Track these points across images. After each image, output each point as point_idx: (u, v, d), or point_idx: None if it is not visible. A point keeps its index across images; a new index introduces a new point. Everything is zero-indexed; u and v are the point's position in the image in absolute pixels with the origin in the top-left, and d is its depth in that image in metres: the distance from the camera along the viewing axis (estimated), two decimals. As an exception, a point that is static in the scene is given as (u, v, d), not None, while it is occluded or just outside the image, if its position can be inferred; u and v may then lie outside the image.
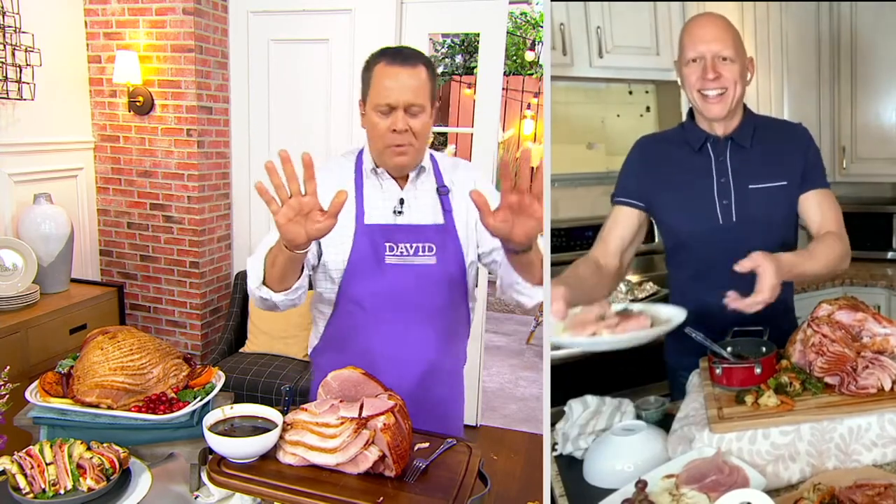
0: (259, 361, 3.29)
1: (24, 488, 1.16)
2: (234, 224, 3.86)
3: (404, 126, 1.43)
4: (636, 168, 1.56)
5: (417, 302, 1.53)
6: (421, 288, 1.53)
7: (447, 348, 1.62)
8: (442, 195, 1.58)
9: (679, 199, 1.51)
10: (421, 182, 1.57)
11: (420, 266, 1.52)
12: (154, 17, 3.38)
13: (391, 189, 1.55)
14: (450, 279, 1.56)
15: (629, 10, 2.32)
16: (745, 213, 1.47)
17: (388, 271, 1.51)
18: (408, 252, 1.52)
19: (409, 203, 1.55)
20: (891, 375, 1.15)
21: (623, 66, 2.38)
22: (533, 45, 8.35)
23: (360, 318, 1.54)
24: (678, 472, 1.11)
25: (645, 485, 1.06)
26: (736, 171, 1.48)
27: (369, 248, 1.51)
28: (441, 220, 1.56)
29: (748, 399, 1.18)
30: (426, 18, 3.41)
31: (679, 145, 1.53)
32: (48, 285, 3.02)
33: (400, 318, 1.53)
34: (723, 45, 1.41)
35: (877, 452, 1.14)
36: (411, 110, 1.44)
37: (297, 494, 1.13)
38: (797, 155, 1.49)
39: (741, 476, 1.06)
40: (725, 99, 1.42)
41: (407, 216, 1.54)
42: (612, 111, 2.69)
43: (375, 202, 1.54)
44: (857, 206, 2.58)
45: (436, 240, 1.53)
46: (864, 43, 2.41)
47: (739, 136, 1.48)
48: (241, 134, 3.74)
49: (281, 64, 3.59)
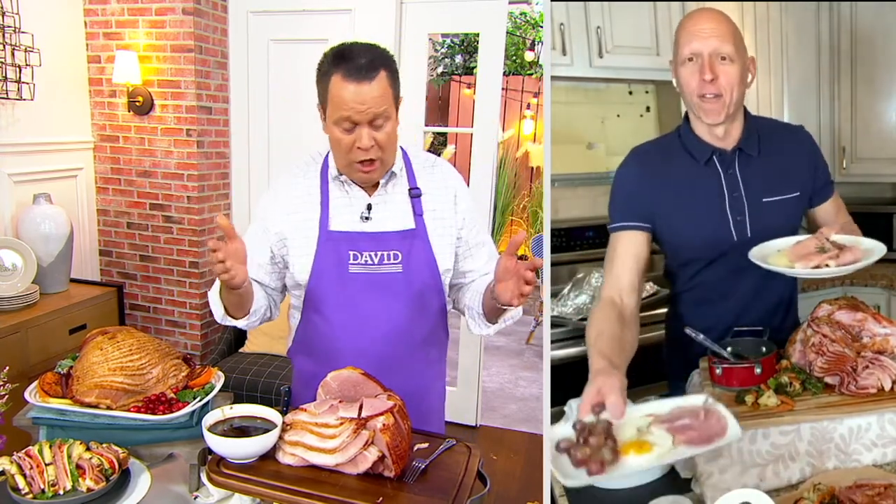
0: (259, 362, 3.29)
1: (23, 489, 1.16)
2: (233, 224, 3.85)
3: (370, 142, 1.36)
4: (635, 186, 1.43)
5: (381, 313, 1.46)
6: (385, 298, 1.46)
7: (416, 360, 1.53)
8: (413, 197, 1.50)
9: (688, 217, 1.40)
10: (392, 185, 1.50)
11: (385, 275, 1.46)
12: (154, 17, 3.38)
13: (358, 195, 1.49)
14: (419, 288, 1.48)
15: (629, 10, 2.32)
16: (761, 228, 1.38)
17: (351, 281, 1.45)
18: (372, 261, 1.45)
19: (377, 208, 1.48)
20: (891, 375, 1.15)
21: (623, 66, 2.37)
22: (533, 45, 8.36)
23: (324, 328, 1.49)
24: (661, 413, 1.11)
25: (602, 409, 1.04)
26: (748, 183, 1.39)
27: (333, 256, 1.46)
28: (411, 223, 1.49)
29: (748, 399, 1.18)
30: (426, 18, 3.41)
31: (680, 156, 1.42)
32: (48, 285, 3.02)
33: (364, 329, 1.47)
34: (722, 41, 1.30)
35: (877, 452, 1.14)
36: (375, 123, 1.36)
37: (296, 495, 1.13)
38: (805, 163, 1.44)
39: (719, 425, 1.05)
40: (723, 102, 1.32)
41: (374, 222, 1.47)
42: (612, 111, 2.68)
43: (341, 208, 1.48)
44: (857, 206, 2.56)
45: (402, 247, 1.46)
46: (864, 43, 2.41)
47: (747, 146, 1.39)
48: (241, 134, 3.73)
49: (281, 64, 3.59)
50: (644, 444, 1.04)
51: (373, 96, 1.33)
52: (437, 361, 1.63)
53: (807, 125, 1.54)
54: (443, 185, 1.54)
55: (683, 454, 1.04)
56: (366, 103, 1.33)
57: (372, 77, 1.33)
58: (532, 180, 7.39)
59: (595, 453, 1.01)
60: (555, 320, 2.33)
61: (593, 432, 1.03)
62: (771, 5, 2.37)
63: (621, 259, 1.40)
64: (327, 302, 1.48)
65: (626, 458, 1.02)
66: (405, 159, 1.54)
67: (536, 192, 7.16)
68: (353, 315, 1.47)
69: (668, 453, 1.03)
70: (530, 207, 7.10)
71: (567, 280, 2.54)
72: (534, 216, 7.02)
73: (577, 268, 2.59)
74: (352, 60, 1.33)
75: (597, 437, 1.02)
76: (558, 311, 2.38)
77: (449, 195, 1.54)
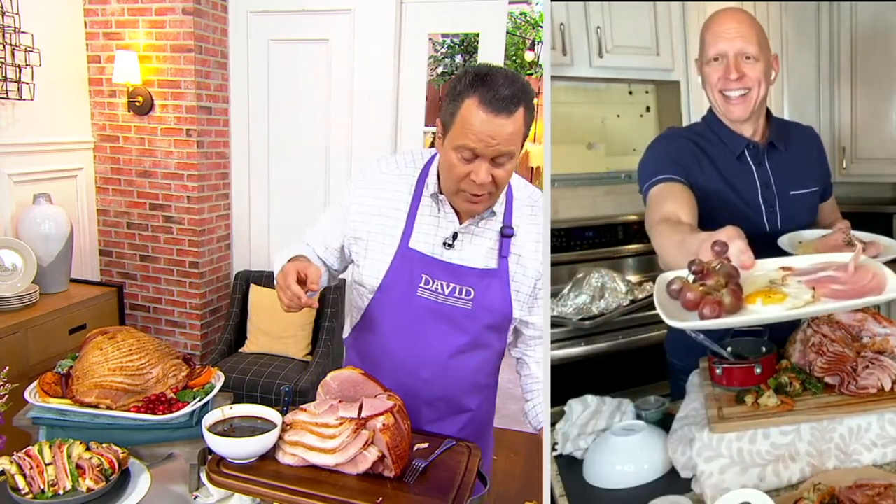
0: (259, 361, 3.29)
1: (23, 489, 1.16)
2: (233, 224, 3.86)
3: (487, 178, 1.27)
4: (679, 152, 1.39)
5: (437, 341, 1.43)
6: (445, 328, 1.42)
7: (466, 387, 1.50)
8: (504, 237, 1.42)
9: (724, 206, 1.39)
10: (485, 222, 1.42)
11: (451, 308, 1.41)
12: (154, 17, 3.38)
13: (450, 218, 1.41)
14: (484, 326, 1.43)
15: (629, 10, 2.32)
16: (789, 220, 1.41)
17: (416, 303, 1.41)
18: (442, 290, 1.40)
19: (462, 238, 1.41)
20: (891, 375, 1.15)
21: (623, 66, 2.37)
22: (533, 45, 8.36)
23: (379, 338, 1.47)
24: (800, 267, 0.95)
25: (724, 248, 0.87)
26: (777, 176, 1.42)
27: (405, 273, 1.41)
28: (494, 264, 1.41)
29: (748, 399, 1.18)
30: (426, 18, 3.41)
31: (714, 144, 1.42)
32: (48, 285, 3.02)
33: (417, 351, 1.44)
34: (746, 41, 1.33)
35: (877, 452, 1.14)
36: (498, 160, 1.26)
37: (296, 495, 1.13)
38: (817, 160, 1.50)
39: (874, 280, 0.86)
40: (748, 100, 1.36)
41: (456, 252, 1.41)
42: (612, 111, 2.68)
43: (427, 227, 1.42)
44: (858, 206, 2.58)
45: (478, 285, 1.40)
46: (864, 43, 2.41)
47: (777, 140, 1.43)
48: (241, 134, 3.74)
49: (280, 64, 3.59)
50: (776, 293, 0.88)
51: (506, 132, 1.23)
52: (488, 390, 1.58)
53: (807, 125, 1.56)
54: (536, 230, 1.45)
55: (825, 308, 0.87)
56: (497, 138, 1.23)
57: (511, 112, 1.23)
58: (532, 180, 7.38)
59: (713, 293, 0.85)
60: (555, 320, 2.33)
61: (713, 273, 0.86)
62: (771, 5, 2.37)
63: (674, 197, 1.29)
64: (388, 316, 1.45)
65: (751, 305, 0.87)
66: (508, 195, 1.45)
67: (536, 192, 7.16)
68: (409, 335, 1.44)
69: (805, 305, 0.86)
70: (530, 207, 7.09)
71: (567, 280, 2.54)
72: (534, 216, 7.02)
73: (577, 268, 2.59)
74: (494, 88, 1.22)
75: (716, 278, 0.86)
76: (558, 311, 2.38)
77: (538, 241, 1.46)
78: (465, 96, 1.24)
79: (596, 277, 2.43)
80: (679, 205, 1.25)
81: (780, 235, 1.39)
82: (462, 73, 1.28)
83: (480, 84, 1.23)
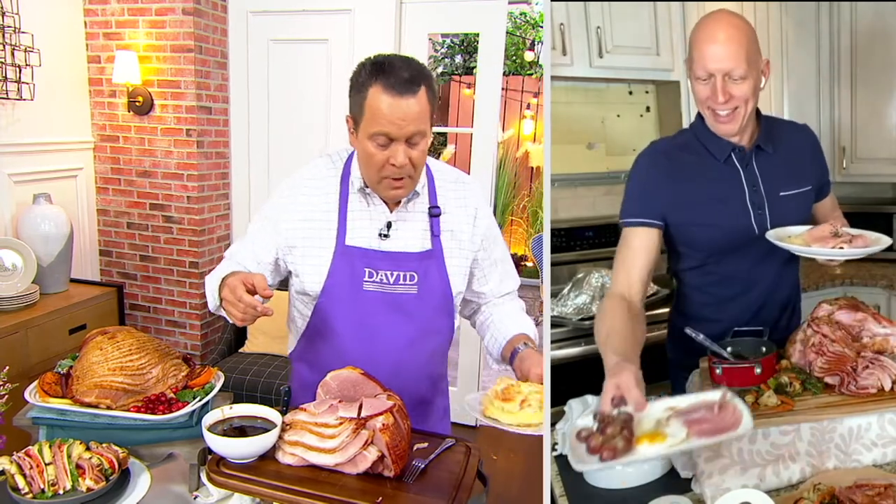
0: (258, 362, 3.29)
1: (23, 488, 1.16)
2: (233, 224, 3.86)
3: (405, 159, 1.32)
4: (651, 183, 1.43)
5: (392, 332, 1.45)
6: (397, 318, 1.44)
7: (421, 377, 1.54)
8: (432, 216, 1.47)
9: (711, 214, 1.41)
10: (413, 204, 1.46)
11: (399, 295, 1.44)
12: (153, 17, 3.38)
13: (380, 210, 1.45)
14: (432, 309, 1.47)
15: (629, 10, 2.32)
16: (780, 221, 1.40)
17: (364, 298, 1.43)
18: (387, 280, 1.43)
19: (396, 226, 1.45)
20: (891, 375, 1.15)
21: (623, 66, 2.37)
22: (532, 45, 8.35)
23: (332, 341, 1.47)
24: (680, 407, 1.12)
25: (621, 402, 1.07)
26: (765, 178, 1.42)
27: (347, 271, 1.43)
28: (429, 244, 1.46)
29: (748, 399, 1.18)
30: (426, 18, 3.41)
31: (699, 153, 1.43)
32: (48, 285, 3.02)
33: (373, 347, 1.45)
34: (734, 61, 1.29)
35: (877, 452, 1.14)
36: (412, 140, 1.32)
37: (296, 494, 1.13)
38: (811, 159, 1.49)
39: (732, 418, 1.06)
40: (737, 116, 1.34)
41: (392, 241, 1.45)
42: (612, 111, 2.68)
43: (360, 223, 1.45)
44: (858, 206, 2.58)
45: (419, 268, 1.44)
46: (864, 43, 2.41)
47: (764, 143, 1.42)
48: (241, 134, 3.73)
49: (280, 64, 3.59)
50: (658, 435, 1.06)
51: (413, 112, 1.29)
52: (440, 379, 1.63)
53: (806, 125, 1.55)
54: (463, 204, 1.51)
55: (693, 445, 1.05)
56: (406, 119, 1.29)
57: (415, 92, 1.29)
58: (532, 180, 7.38)
59: (608, 441, 1.04)
60: (555, 320, 2.33)
61: (612, 423, 1.06)
62: (771, 5, 2.37)
63: (634, 254, 1.40)
64: (338, 316, 1.45)
65: (638, 447, 1.05)
66: (429, 176, 1.50)
67: (536, 192, 7.15)
68: (362, 332, 1.45)
69: (680, 444, 1.04)
70: (530, 207, 7.09)
71: (567, 280, 2.54)
72: (534, 216, 7.01)
73: (577, 268, 2.60)
74: (393, 73, 1.28)
75: (613, 427, 1.05)
76: (558, 311, 2.38)
77: (469, 214, 1.51)
78: (369, 86, 1.30)
79: (596, 277, 2.43)
80: (634, 269, 1.39)
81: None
82: (360, 66, 1.34)
83: (380, 72, 1.29)
